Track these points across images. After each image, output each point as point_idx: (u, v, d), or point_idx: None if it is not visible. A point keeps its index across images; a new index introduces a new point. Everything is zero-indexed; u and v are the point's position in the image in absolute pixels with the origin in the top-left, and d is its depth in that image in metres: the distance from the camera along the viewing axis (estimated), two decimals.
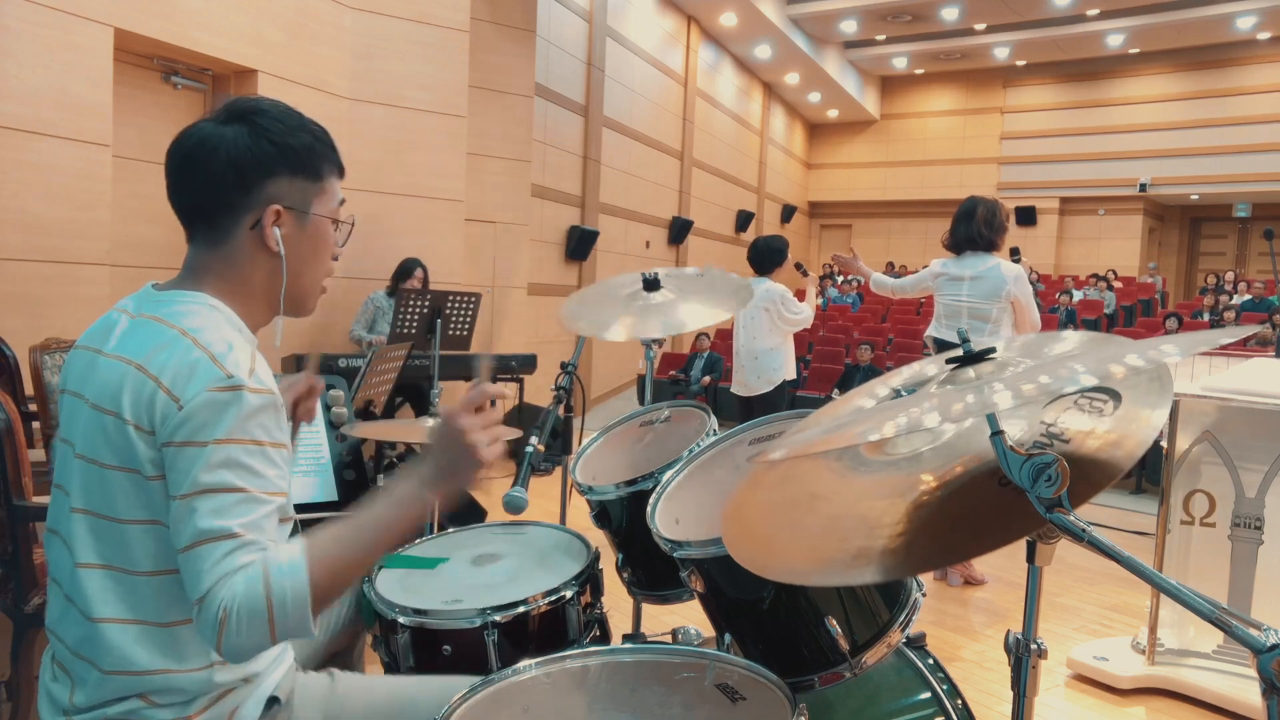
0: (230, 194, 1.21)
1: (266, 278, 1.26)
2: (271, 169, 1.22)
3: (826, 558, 1.11)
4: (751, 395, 4.72)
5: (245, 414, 1.10)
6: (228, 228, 1.23)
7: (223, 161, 1.20)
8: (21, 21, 3.84)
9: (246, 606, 1.04)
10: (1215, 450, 3.03)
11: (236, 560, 1.05)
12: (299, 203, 1.26)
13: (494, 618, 1.52)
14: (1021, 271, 4.05)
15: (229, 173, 1.20)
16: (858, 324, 12.79)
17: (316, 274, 1.33)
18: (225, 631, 1.04)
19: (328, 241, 1.32)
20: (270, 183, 1.22)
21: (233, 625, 1.04)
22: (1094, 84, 17.18)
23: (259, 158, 1.21)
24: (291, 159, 1.24)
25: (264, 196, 1.22)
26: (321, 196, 1.28)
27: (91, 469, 1.14)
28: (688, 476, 1.72)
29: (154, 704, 1.15)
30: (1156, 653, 3.08)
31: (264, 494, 1.10)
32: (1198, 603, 0.85)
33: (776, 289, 4.62)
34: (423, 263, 5.51)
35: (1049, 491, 0.93)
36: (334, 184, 1.31)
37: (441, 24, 5.90)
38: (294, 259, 1.27)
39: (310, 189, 1.27)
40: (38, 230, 3.95)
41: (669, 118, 13.08)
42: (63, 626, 1.19)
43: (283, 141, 1.23)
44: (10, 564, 2.17)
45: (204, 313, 1.18)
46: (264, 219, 1.22)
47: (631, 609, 2.26)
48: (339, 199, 1.33)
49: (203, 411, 1.08)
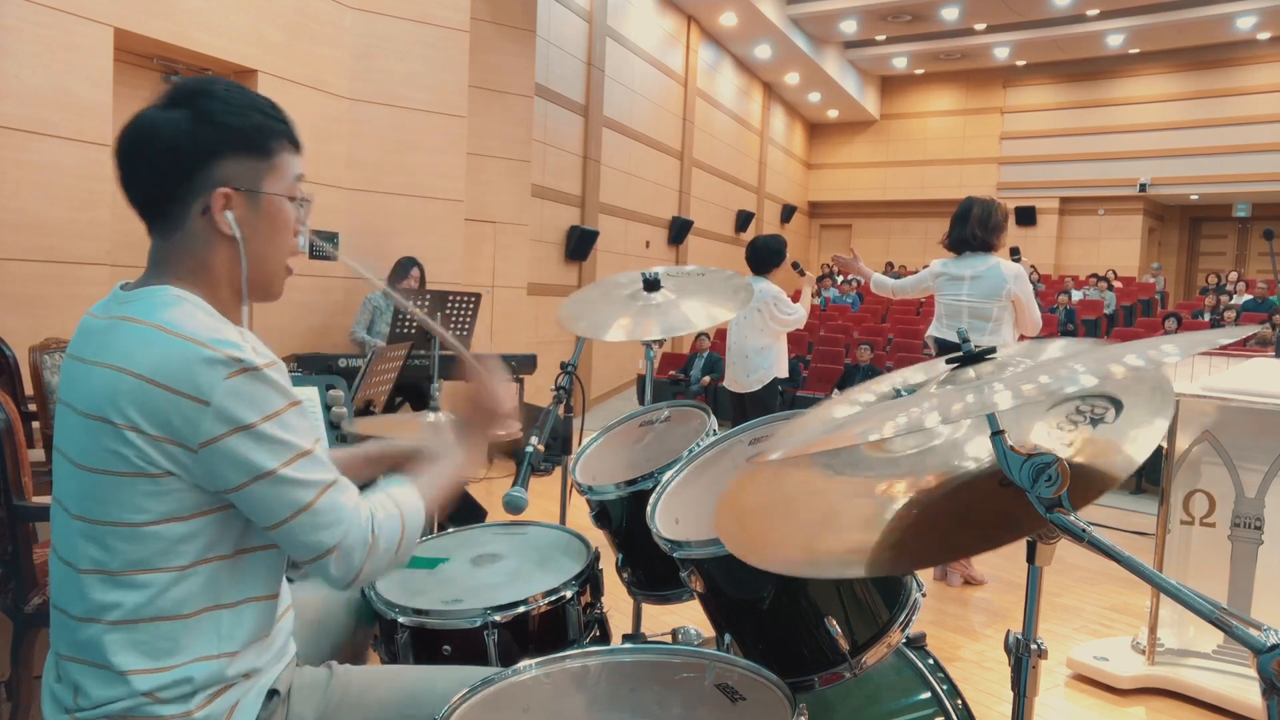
0: (175, 181, 1.19)
1: (227, 264, 1.23)
2: (215, 151, 1.19)
3: (822, 550, 1.11)
4: (744, 392, 4.77)
5: (269, 384, 1.13)
6: (179, 216, 1.20)
7: (163, 148, 1.18)
8: (21, 21, 3.85)
9: (388, 532, 1.22)
10: (1215, 450, 3.03)
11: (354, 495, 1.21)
12: (249, 182, 1.21)
13: (494, 618, 1.52)
14: (1022, 270, 4.05)
15: (170, 160, 1.18)
16: (858, 324, 12.79)
17: (278, 254, 1.27)
18: (371, 556, 1.19)
19: (286, 219, 1.26)
20: (216, 166, 1.19)
21: (380, 549, 1.20)
22: (1094, 84, 17.18)
23: (200, 141, 1.18)
24: (237, 139, 1.20)
25: (211, 180, 1.19)
26: (273, 174, 1.23)
27: (88, 476, 1.13)
28: (688, 476, 1.72)
29: (158, 699, 1.15)
30: (1156, 653, 3.08)
31: (313, 447, 1.18)
32: (1198, 603, 0.85)
33: (771, 289, 4.65)
34: (419, 262, 5.51)
35: (1049, 491, 0.93)
36: (287, 159, 1.25)
37: (441, 24, 5.90)
38: (252, 241, 1.23)
39: (260, 167, 1.22)
40: (38, 230, 3.96)
41: (669, 118, 13.08)
42: (63, 631, 1.19)
43: (225, 122, 1.19)
44: (10, 564, 2.17)
45: (174, 304, 1.16)
46: (213, 203, 1.19)
47: (631, 609, 2.25)
48: (295, 174, 1.27)
49: (231, 400, 1.10)
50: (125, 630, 1.14)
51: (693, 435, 1.92)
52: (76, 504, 1.15)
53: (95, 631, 1.14)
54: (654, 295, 2.33)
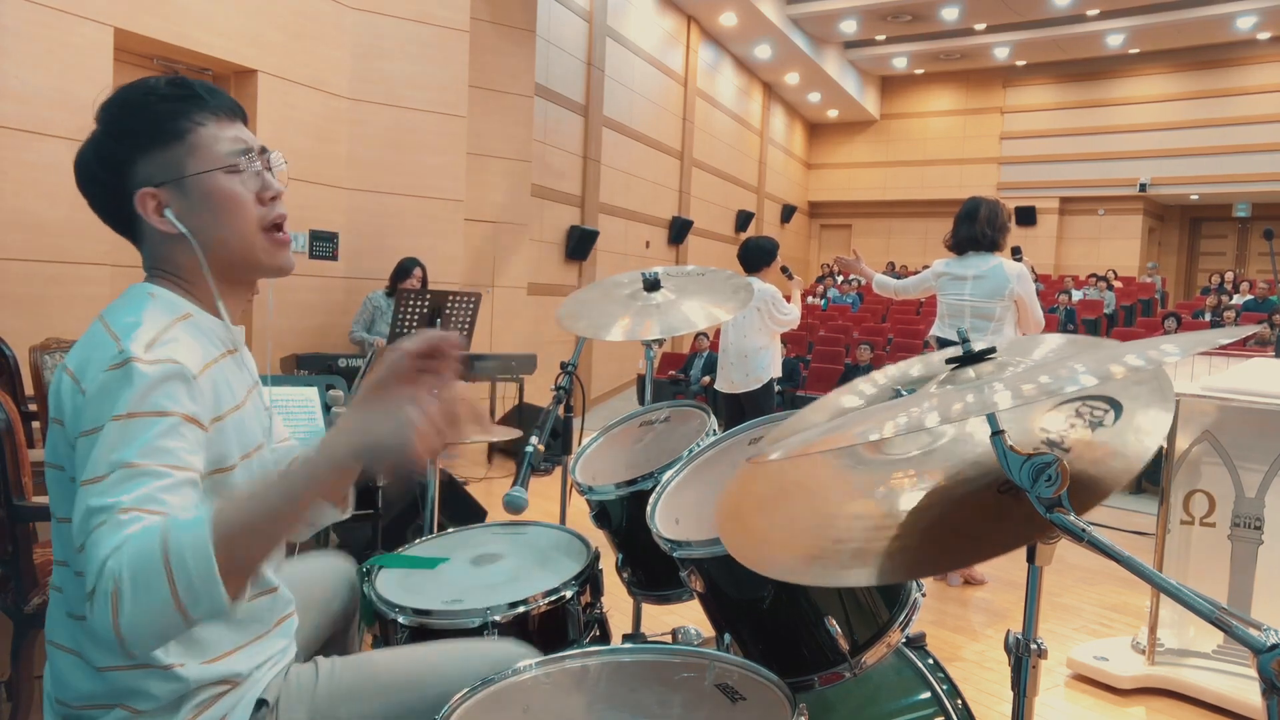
0: (110, 200, 1.20)
1: (188, 257, 1.20)
2: (124, 157, 1.17)
3: (819, 556, 1.11)
4: (738, 393, 4.76)
5: (141, 388, 1.03)
6: (134, 228, 1.22)
7: (87, 176, 1.20)
8: (21, 21, 3.85)
9: (142, 566, 0.90)
10: (1215, 450, 3.03)
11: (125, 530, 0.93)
12: (168, 173, 1.17)
13: (494, 618, 1.52)
14: (1024, 270, 4.06)
15: (94, 182, 1.20)
16: (857, 324, 12.79)
17: (239, 229, 1.20)
18: (120, 605, 0.89)
19: (229, 193, 1.19)
20: (131, 170, 1.17)
21: (126, 593, 0.89)
22: (1094, 84, 17.17)
23: (106, 154, 1.18)
24: (138, 138, 1.17)
25: (134, 186, 1.17)
26: (194, 154, 1.17)
27: (52, 474, 1.16)
28: (688, 476, 1.72)
29: (137, 711, 1.13)
30: (1156, 653, 3.07)
31: (165, 467, 1.00)
32: (1198, 603, 0.85)
33: (768, 289, 4.67)
34: (421, 262, 5.52)
35: (1049, 491, 0.93)
36: (210, 132, 1.19)
37: (441, 24, 5.90)
38: (200, 230, 1.18)
39: (176, 153, 1.17)
40: (38, 230, 3.95)
41: (669, 118, 13.08)
42: (52, 627, 1.20)
43: (121, 126, 1.18)
44: (10, 564, 2.17)
45: (134, 301, 1.16)
46: (141, 208, 1.18)
47: (631, 609, 2.25)
48: (229, 145, 1.19)
49: (100, 394, 1.04)
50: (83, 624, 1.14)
51: (693, 435, 1.92)
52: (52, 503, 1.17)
53: (69, 621, 1.16)
54: (654, 295, 2.33)
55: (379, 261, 5.66)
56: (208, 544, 0.91)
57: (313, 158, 5.35)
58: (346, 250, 5.66)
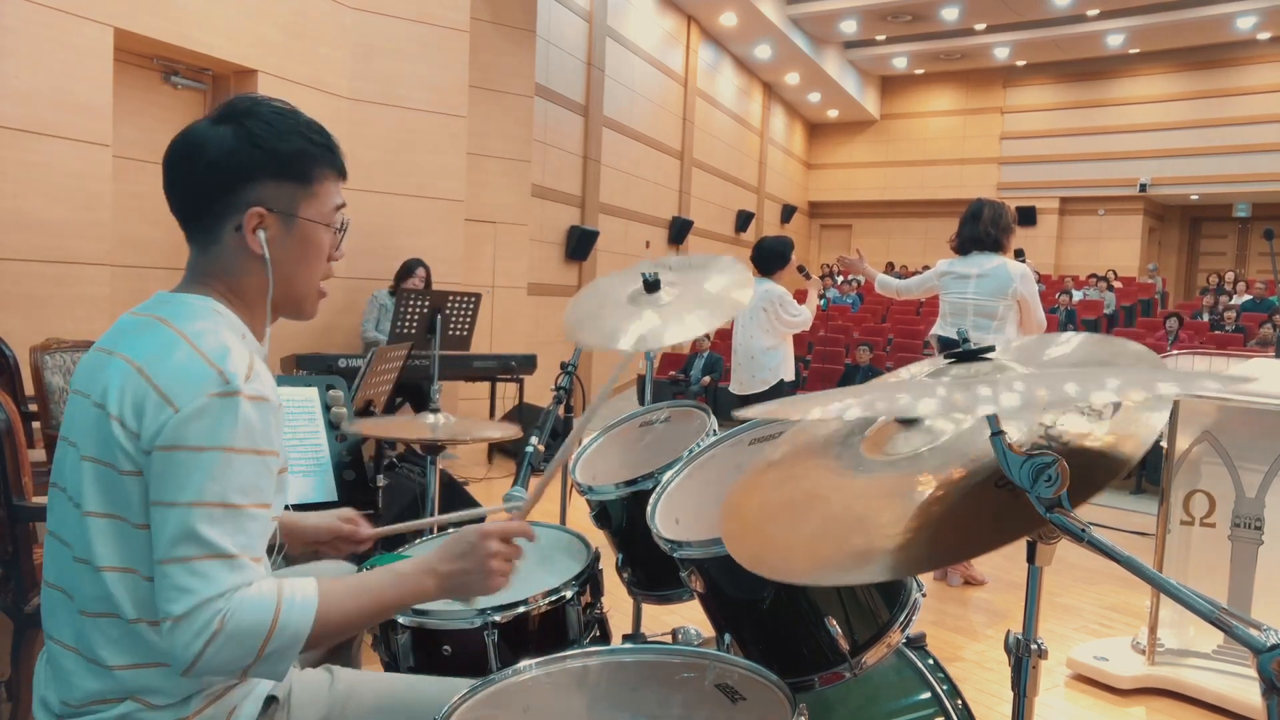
0: (213, 196, 1.21)
1: (257, 282, 1.25)
2: (254, 173, 1.21)
3: (825, 557, 1.11)
4: (748, 394, 4.73)
5: (246, 424, 1.10)
6: (215, 230, 1.23)
7: (206, 163, 1.20)
8: (21, 21, 3.84)
9: (248, 623, 1.06)
10: (1215, 450, 3.03)
11: (240, 577, 1.07)
12: (285, 206, 1.23)
13: (494, 618, 1.52)
14: (1027, 270, 4.06)
15: (212, 175, 1.20)
16: (857, 324, 12.79)
17: (308, 278, 1.30)
18: (212, 643, 1.04)
19: (319, 246, 1.29)
20: (254, 186, 1.21)
21: (223, 638, 1.05)
22: (1094, 84, 17.18)
23: (242, 161, 1.20)
24: (277, 163, 1.22)
25: (248, 199, 1.21)
26: (311, 200, 1.26)
27: (95, 469, 1.13)
28: (688, 476, 1.72)
29: (150, 705, 1.14)
30: (1156, 653, 3.07)
31: (256, 507, 1.11)
32: (1198, 603, 0.85)
33: (776, 290, 4.63)
34: (425, 263, 5.52)
35: (1049, 491, 0.93)
36: (328, 188, 1.28)
37: (441, 24, 5.90)
38: (281, 263, 1.25)
39: (299, 193, 1.24)
40: (38, 230, 3.95)
41: (669, 118, 13.08)
42: (56, 627, 1.19)
43: (269, 145, 1.21)
44: (10, 564, 2.17)
45: (207, 316, 1.19)
46: (245, 222, 1.21)
47: (631, 609, 2.26)
48: (335, 203, 1.29)
49: (200, 418, 1.08)
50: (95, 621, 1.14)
51: (693, 435, 1.92)
52: (91, 499, 1.13)
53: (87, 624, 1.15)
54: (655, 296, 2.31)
55: (379, 261, 5.66)
56: (309, 629, 1.09)
57: None
58: (346, 250, 5.60)
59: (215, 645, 1.04)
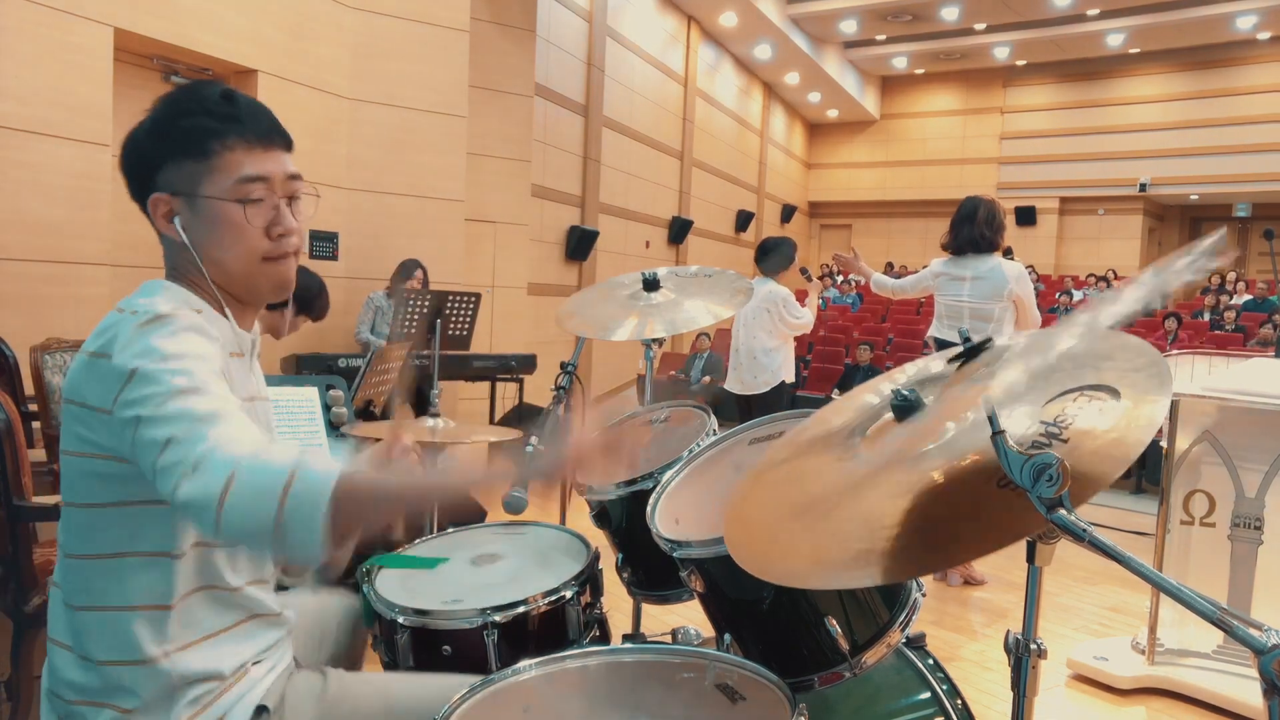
0: (136, 188, 1.23)
1: (194, 265, 1.22)
2: (156, 157, 1.19)
3: (827, 559, 1.11)
4: (749, 394, 4.74)
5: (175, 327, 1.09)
6: (149, 219, 1.24)
7: (124, 159, 1.22)
8: (21, 21, 3.84)
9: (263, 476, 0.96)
10: (1215, 450, 3.03)
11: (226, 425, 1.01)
12: (186, 187, 1.19)
13: (494, 618, 1.51)
14: (1023, 270, 4.05)
15: (128, 169, 1.22)
16: (857, 324, 12.79)
17: (238, 256, 1.21)
18: (230, 488, 0.95)
19: (231, 222, 1.19)
20: (160, 171, 1.20)
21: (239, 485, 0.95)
22: (1094, 84, 17.17)
23: (144, 148, 1.21)
24: (174, 143, 1.18)
25: (155, 186, 1.20)
26: (212, 176, 1.18)
27: (67, 460, 1.15)
28: (688, 476, 1.72)
29: (125, 710, 1.13)
30: (1156, 653, 3.07)
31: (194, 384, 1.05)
32: (1198, 603, 0.85)
33: (780, 291, 4.63)
34: (422, 263, 5.52)
35: (1050, 491, 0.93)
36: (231, 159, 1.18)
37: (441, 24, 5.90)
38: (202, 246, 1.21)
39: (197, 171, 1.18)
40: (38, 230, 3.95)
41: (669, 118, 13.08)
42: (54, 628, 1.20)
43: (166, 126, 1.19)
44: (10, 564, 2.17)
45: (148, 290, 1.20)
46: (151, 210, 1.21)
47: (631, 609, 2.25)
48: (247, 174, 1.19)
49: (132, 345, 1.07)
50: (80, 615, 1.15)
51: (693, 435, 1.92)
52: (64, 490, 1.17)
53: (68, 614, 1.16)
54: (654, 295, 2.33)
55: (379, 262, 5.65)
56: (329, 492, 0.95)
57: (312, 158, 5.34)
58: (346, 250, 5.66)
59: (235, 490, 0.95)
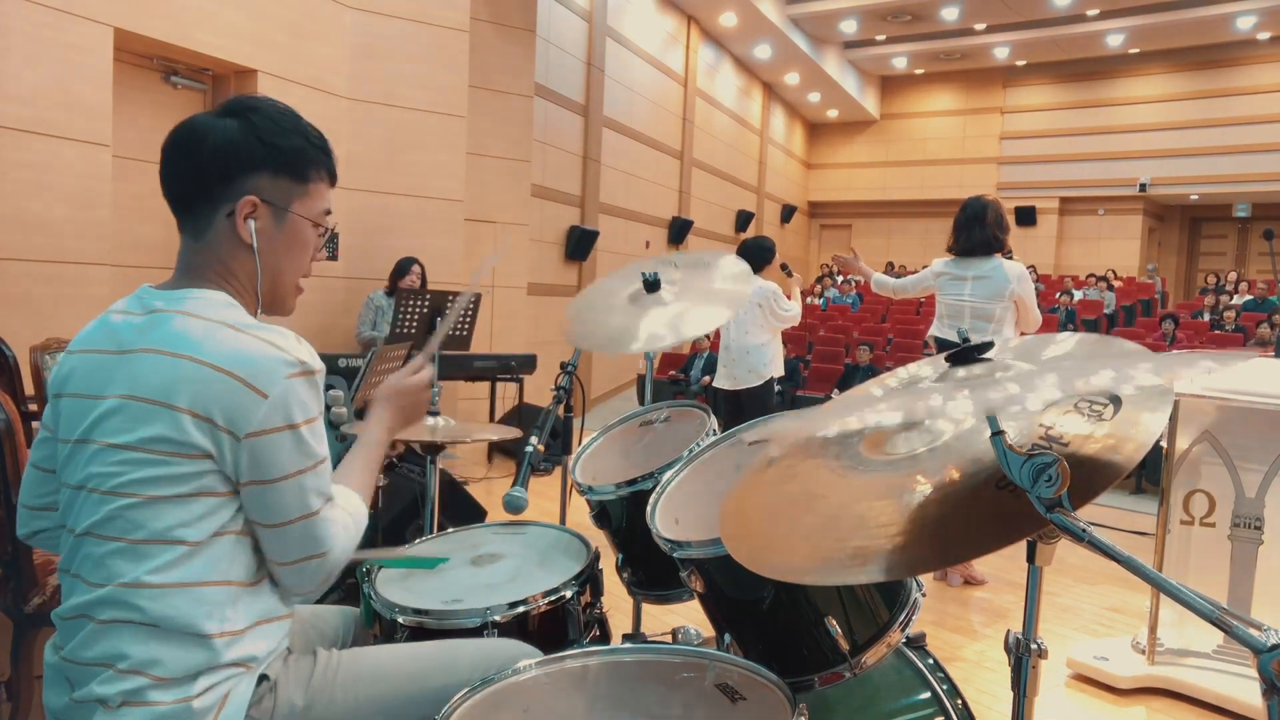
0: (212, 183, 1.25)
1: (245, 271, 1.29)
2: (254, 164, 1.26)
3: (825, 556, 1.11)
4: (739, 390, 4.76)
5: (317, 392, 1.22)
6: (208, 217, 1.26)
7: (208, 151, 1.24)
8: (21, 21, 3.84)
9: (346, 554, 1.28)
10: (1215, 450, 3.03)
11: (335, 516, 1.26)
12: (278, 199, 1.28)
13: (494, 618, 1.52)
14: (1024, 270, 4.05)
15: (213, 162, 1.24)
16: (857, 324, 12.78)
17: (292, 272, 1.35)
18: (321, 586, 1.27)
19: (305, 242, 1.34)
20: (251, 177, 1.26)
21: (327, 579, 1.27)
22: (1094, 84, 17.18)
23: (243, 151, 1.25)
24: (276, 158, 1.27)
25: (243, 188, 1.25)
26: (304, 199, 1.32)
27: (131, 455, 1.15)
28: (688, 476, 1.72)
29: (159, 680, 1.15)
30: (1156, 653, 3.07)
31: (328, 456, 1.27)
32: (1198, 603, 0.85)
33: (770, 286, 4.70)
34: (419, 261, 5.52)
35: (1049, 492, 0.93)
36: (320, 189, 1.34)
37: (441, 24, 5.90)
38: (267, 254, 1.29)
39: (293, 189, 1.30)
40: (38, 230, 3.95)
41: (669, 118, 13.08)
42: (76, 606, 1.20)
43: (271, 140, 1.27)
44: (10, 564, 2.17)
45: (231, 307, 1.24)
46: (238, 209, 1.25)
47: (631, 609, 2.26)
48: (325, 206, 1.36)
49: (288, 398, 1.17)
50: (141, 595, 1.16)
51: (693, 435, 1.92)
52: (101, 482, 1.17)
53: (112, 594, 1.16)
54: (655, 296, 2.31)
55: (379, 261, 5.66)
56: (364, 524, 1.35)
57: None
58: (346, 250, 5.66)
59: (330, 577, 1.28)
